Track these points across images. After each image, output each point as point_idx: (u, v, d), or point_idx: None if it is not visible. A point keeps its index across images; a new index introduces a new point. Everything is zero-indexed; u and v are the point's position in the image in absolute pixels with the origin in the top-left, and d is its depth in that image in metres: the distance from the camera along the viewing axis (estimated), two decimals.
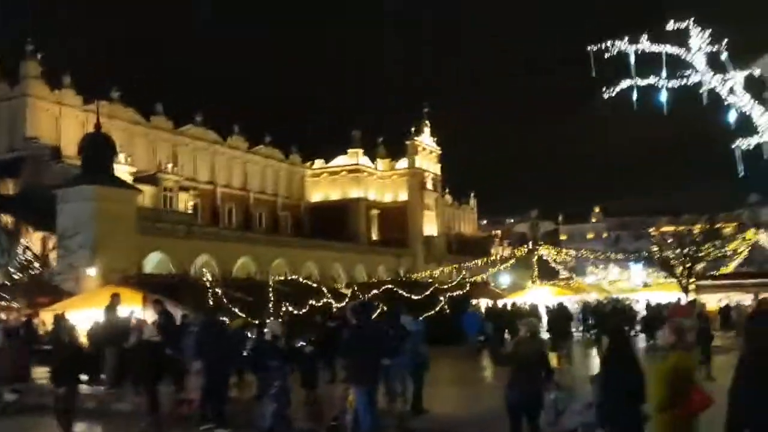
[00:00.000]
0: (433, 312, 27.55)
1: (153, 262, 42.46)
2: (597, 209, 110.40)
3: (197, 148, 60.51)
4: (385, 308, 25.87)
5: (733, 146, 13.86)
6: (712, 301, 34.55)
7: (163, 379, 12.42)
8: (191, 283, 24.73)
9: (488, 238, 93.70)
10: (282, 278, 26.01)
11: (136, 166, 50.14)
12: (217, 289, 21.26)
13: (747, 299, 37.76)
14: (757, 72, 14.32)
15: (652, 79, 15.03)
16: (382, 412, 10.00)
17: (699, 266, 26.01)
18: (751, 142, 13.84)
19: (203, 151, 61.17)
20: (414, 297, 27.23)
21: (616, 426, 6.26)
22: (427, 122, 78.31)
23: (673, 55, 14.25)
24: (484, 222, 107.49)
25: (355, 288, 27.14)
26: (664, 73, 13.89)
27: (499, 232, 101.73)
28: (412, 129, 75.94)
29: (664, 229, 27.00)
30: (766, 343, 4.45)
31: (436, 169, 79.93)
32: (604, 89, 15.76)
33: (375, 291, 26.40)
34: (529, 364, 7.12)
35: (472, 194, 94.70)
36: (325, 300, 23.25)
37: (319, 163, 74.81)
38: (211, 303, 19.94)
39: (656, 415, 6.00)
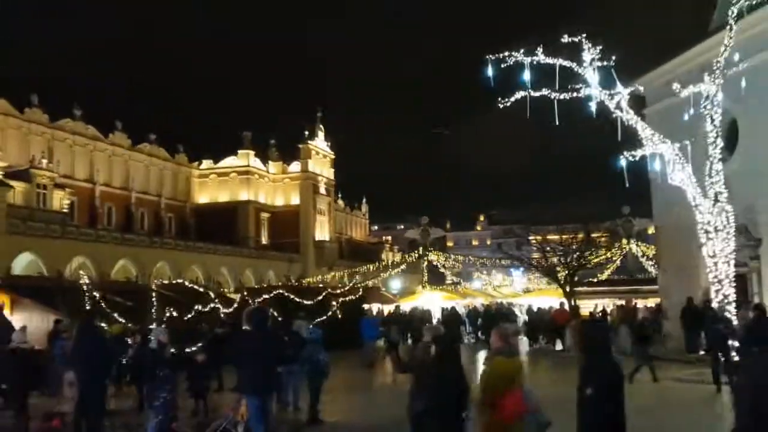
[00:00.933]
0: (325, 317, 27.28)
1: (22, 263, 39.45)
2: (482, 217, 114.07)
3: (75, 144, 56.86)
4: (276, 314, 25.41)
5: (620, 158, 14.53)
6: (589, 307, 36.52)
7: (35, 390, 11.34)
8: (66, 286, 23.01)
9: (379, 243, 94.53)
10: (166, 282, 24.74)
11: (6, 160, 46.43)
12: (94, 293, 19.85)
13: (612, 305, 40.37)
14: (640, 89, 15.11)
15: (544, 91, 15.53)
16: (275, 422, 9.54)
17: (579, 273, 27.20)
18: (636, 154, 14.55)
19: (82, 147, 57.55)
20: (306, 302, 26.77)
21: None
22: (321, 126, 77.86)
23: (566, 69, 14.76)
24: (376, 228, 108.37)
25: (245, 293, 26.31)
26: (556, 85, 14.35)
27: (389, 237, 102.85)
28: (306, 132, 75.23)
29: (550, 237, 27.98)
30: (591, 342, 5.04)
31: (330, 173, 79.62)
32: (499, 99, 16.14)
33: (265, 296, 25.68)
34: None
35: (363, 200, 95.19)
36: (212, 305, 22.31)
37: (206, 163, 72.41)
38: (87, 307, 18.59)
39: (477, 419, 6.14)
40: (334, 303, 28.46)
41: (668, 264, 23.42)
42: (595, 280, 42.67)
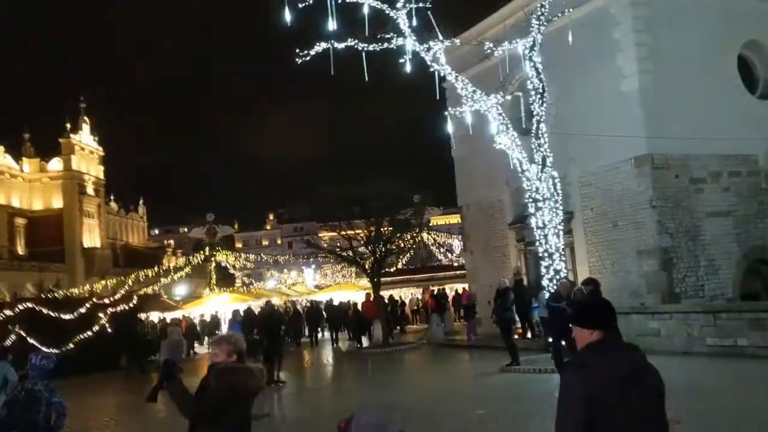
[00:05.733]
0: (90, 333, 22.74)
1: None
2: (271, 216, 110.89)
3: None
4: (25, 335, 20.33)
5: (444, 112, 12.52)
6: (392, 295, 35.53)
7: None
8: None
9: (160, 248, 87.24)
10: None
11: None
12: None
13: (418, 292, 40.02)
14: (457, 41, 13.24)
15: (350, 42, 13.05)
16: None
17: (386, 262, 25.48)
18: (462, 110, 12.64)
19: None
20: (65, 316, 21.93)
21: None
22: (86, 119, 69.23)
23: (377, 12, 12.39)
24: (156, 232, 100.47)
25: None
26: (366, 31, 11.86)
27: (172, 242, 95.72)
28: (68, 125, 66.29)
29: (353, 231, 25.68)
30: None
31: (99, 172, 71.20)
32: (297, 51, 13.38)
33: (8, 312, 20.41)
34: (241, 411, 4.02)
35: (141, 201, 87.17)
36: None
37: None
38: None
39: None
40: (101, 315, 23.82)
41: (475, 245, 22.38)
42: (391, 270, 41.98)
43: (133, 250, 79.82)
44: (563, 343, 11.54)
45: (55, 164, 66.06)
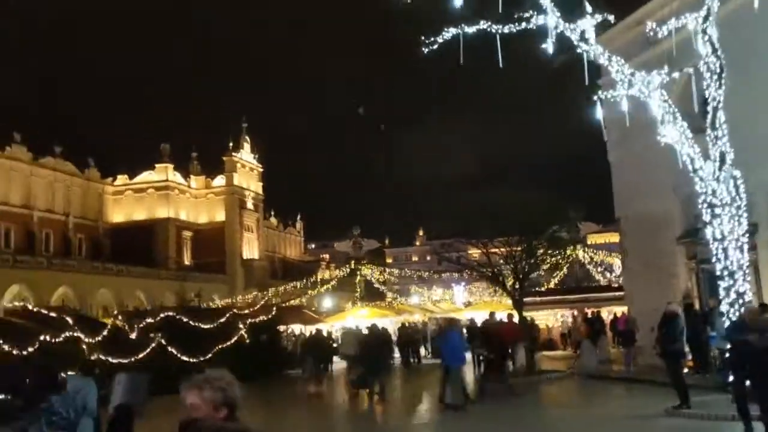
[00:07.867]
0: (229, 343, 22.64)
1: None
2: (421, 232, 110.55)
3: None
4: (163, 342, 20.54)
5: (594, 97, 10.57)
6: (539, 318, 32.87)
7: None
8: None
9: (315, 262, 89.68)
10: (18, 306, 19.60)
11: None
12: None
13: (569, 314, 36.92)
14: (610, 18, 11.20)
15: (483, 25, 11.48)
16: None
17: (526, 282, 23.34)
18: (616, 94, 10.62)
19: None
20: (203, 326, 22.02)
21: None
22: (246, 137, 72.85)
23: None
24: (312, 246, 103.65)
25: (119, 317, 21.26)
26: (499, 6, 10.17)
27: (326, 256, 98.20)
28: (230, 144, 70.07)
29: (493, 250, 23.85)
30: None
31: (258, 188, 74.56)
32: (423, 40, 12.06)
33: (150, 320, 20.74)
34: None
35: (298, 216, 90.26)
36: (69, 334, 17.30)
37: (122, 178, 66.48)
38: None
39: None
40: (241, 325, 23.79)
41: (634, 262, 19.70)
42: (543, 289, 39.28)
43: (290, 263, 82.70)
44: (747, 383, 9.07)
45: (219, 180, 70.03)
